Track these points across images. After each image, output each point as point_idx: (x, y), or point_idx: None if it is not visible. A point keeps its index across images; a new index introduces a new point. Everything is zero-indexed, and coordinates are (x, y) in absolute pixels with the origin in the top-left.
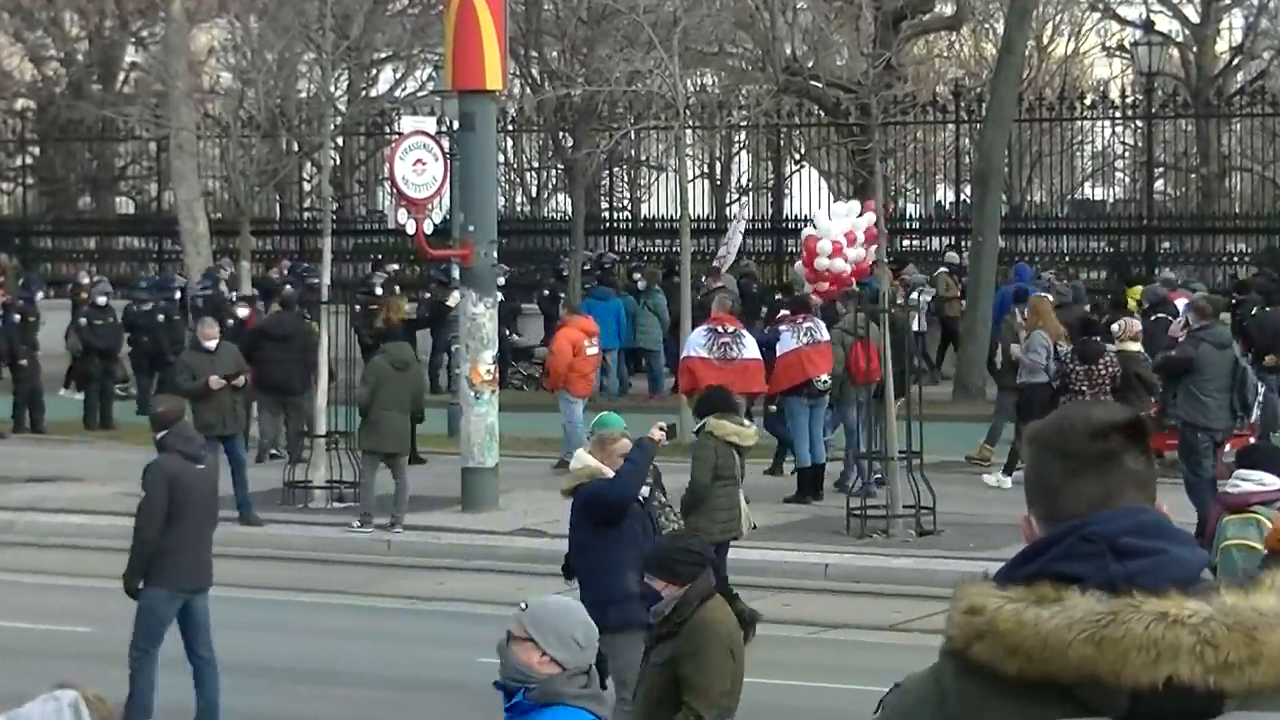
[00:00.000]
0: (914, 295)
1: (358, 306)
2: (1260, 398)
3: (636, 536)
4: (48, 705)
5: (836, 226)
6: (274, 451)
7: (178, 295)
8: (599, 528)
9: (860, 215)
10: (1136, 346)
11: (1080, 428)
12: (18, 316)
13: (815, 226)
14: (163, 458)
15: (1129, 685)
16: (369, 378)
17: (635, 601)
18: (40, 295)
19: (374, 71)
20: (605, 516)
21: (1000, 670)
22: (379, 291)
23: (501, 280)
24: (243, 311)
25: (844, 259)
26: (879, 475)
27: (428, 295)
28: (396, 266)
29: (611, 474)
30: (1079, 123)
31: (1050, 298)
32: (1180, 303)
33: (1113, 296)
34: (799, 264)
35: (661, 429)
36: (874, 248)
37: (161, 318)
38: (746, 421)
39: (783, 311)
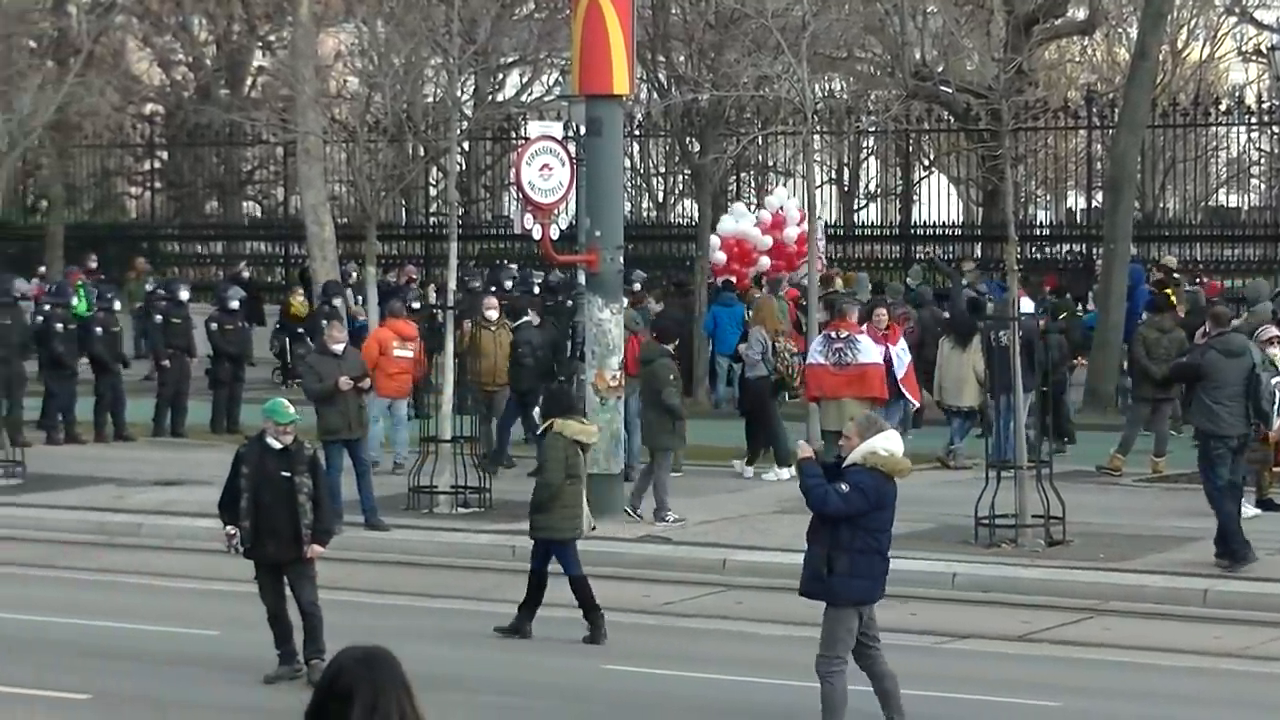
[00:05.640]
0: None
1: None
2: None
3: None
4: None
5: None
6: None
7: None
8: None
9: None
10: None
11: None
12: (159, 318)
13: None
14: None
15: None
16: None
17: None
18: (185, 296)
19: (500, 76)
20: None
21: None
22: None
23: (638, 286)
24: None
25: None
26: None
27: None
28: (516, 269)
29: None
30: (1214, 128)
31: (776, 299)
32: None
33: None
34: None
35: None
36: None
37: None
38: (584, 420)
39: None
